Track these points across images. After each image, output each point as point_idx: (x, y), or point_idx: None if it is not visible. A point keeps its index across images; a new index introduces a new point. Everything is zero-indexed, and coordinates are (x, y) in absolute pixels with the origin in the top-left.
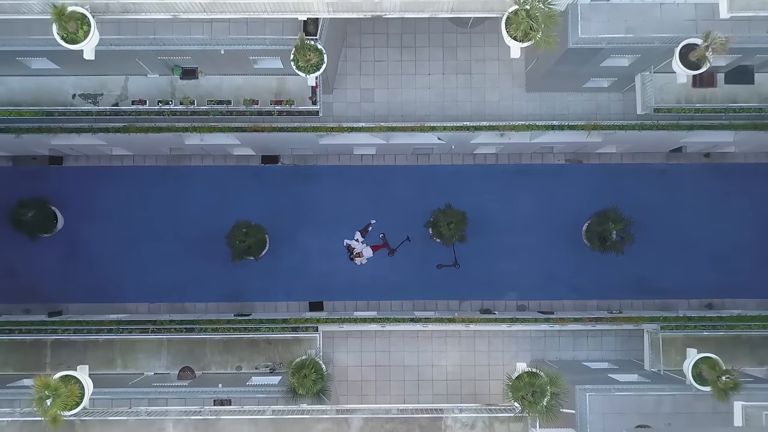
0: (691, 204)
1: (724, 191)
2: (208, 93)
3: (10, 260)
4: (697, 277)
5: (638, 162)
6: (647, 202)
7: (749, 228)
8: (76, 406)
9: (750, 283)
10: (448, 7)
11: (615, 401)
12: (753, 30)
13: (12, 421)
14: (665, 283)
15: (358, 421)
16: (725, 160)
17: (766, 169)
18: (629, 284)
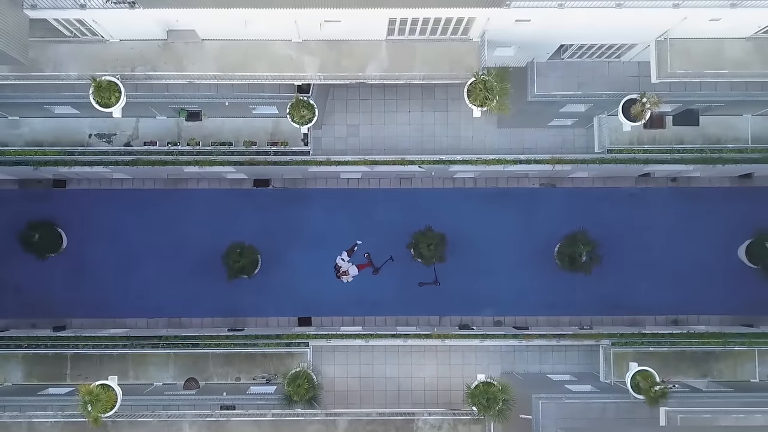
0: (659, 225)
1: (690, 213)
2: (211, 133)
3: (19, 278)
4: (663, 295)
5: (609, 186)
6: (617, 223)
7: (713, 248)
8: (111, 409)
9: (713, 300)
10: (419, 76)
11: (566, 408)
12: (689, 87)
13: (55, 422)
14: (633, 301)
15: (343, 422)
16: (691, 185)
17: (728, 193)
18: (599, 302)
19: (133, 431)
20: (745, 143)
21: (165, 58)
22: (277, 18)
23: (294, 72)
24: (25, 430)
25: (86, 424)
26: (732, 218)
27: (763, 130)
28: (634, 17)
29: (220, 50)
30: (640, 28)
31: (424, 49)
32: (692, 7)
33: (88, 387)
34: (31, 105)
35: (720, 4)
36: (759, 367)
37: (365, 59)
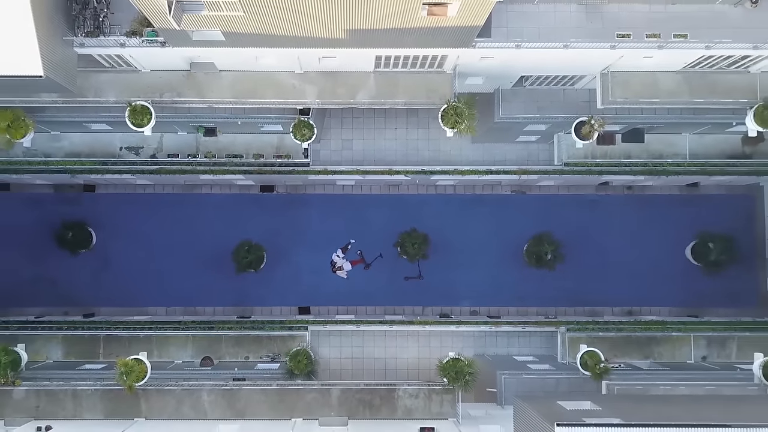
0: (616, 228)
1: (643, 218)
2: (225, 147)
3: (54, 271)
4: (620, 289)
5: (572, 193)
6: (579, 226)
7: (663, 248)
8: (142, 379)
9: (663, 293)
10: (401, 102)
11: (525, 383)
12: (632, 111)
13: (94, 390)
14: (593, 294)
15: (336, 391)
16: (644, 192)
17: (677, 199)
18: (562, 295)
19: (160, 398)
20: (684, 158)
21: (188, 85)
22: (283, 54)
23: (296, 98)
24: (70, 397)
25: (121, 391)
26: (680, 222)
27: (699, 146)
28: (579, 55)
29: (235, 79)
30: (586, 64)
31: (406, 79)
32: (627, 48)
33: (125, 360)
34: (73, 123)
35: (649, 46)
36: (694, 350)
37: (356, 88)
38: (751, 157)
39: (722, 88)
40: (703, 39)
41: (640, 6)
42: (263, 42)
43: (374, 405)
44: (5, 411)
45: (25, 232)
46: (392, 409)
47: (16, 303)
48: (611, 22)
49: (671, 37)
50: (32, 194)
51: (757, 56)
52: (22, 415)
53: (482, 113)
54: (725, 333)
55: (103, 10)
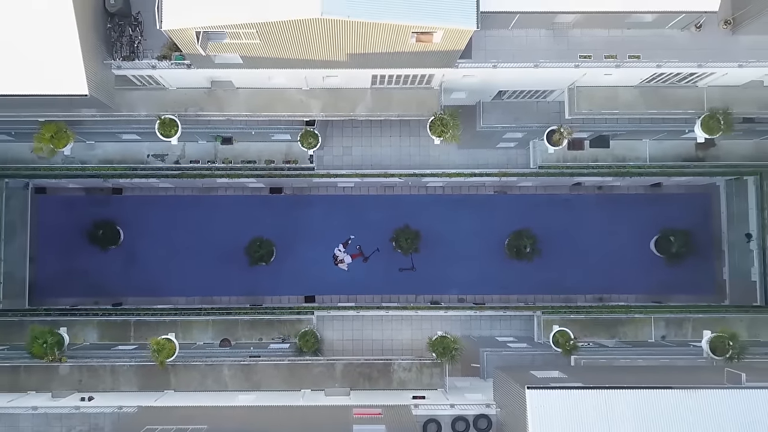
0: (588, 224)
1: (612, 214)
2: (239, 154)
3: (86, 265)
4: (591, 279)
5: (548, 193)
6: (555, 222)
7: (630, 241)
8: (171, 356)
9: (630, 282)
10: (395, 114)
11: (504, 358)
12: (597, 121)
13: (130, 366)
14: (567, 283)
15: (340, 365)
16: (613, 192)
17: (642, 198)
18: (540, 284)
19: (187, 372)
20: (645, 161)
21: (209, 101)
22: (292, 74)
23: (303, 111)
24: (109, 372)
25: (153, 367)
26: (645, 218)
27: (657, 151)
28: (548, 73)
29: (250, 95)
30: (555, 80)
31: (398, 94)
32: (588, 67)
33: (157, 339)
34: (107, 133)
35: (607, 65)
36: (655, 330)
37: (355, 102)
38: (704, 160)
39: (674, 101)
40: (654, 59)
41: (599, 31)
42: (275, 64)
43: (373, 377)
44: (52, 384)
45: (60, 231)
46: (388, 381)
47: (52, 293)
48: (575, 44)
49: (626, 58)
50: (66, 197)
51: (702, 73)
52: (67, 388)
53: (466, 123)
54: (682, 315)
55: (137, 38)
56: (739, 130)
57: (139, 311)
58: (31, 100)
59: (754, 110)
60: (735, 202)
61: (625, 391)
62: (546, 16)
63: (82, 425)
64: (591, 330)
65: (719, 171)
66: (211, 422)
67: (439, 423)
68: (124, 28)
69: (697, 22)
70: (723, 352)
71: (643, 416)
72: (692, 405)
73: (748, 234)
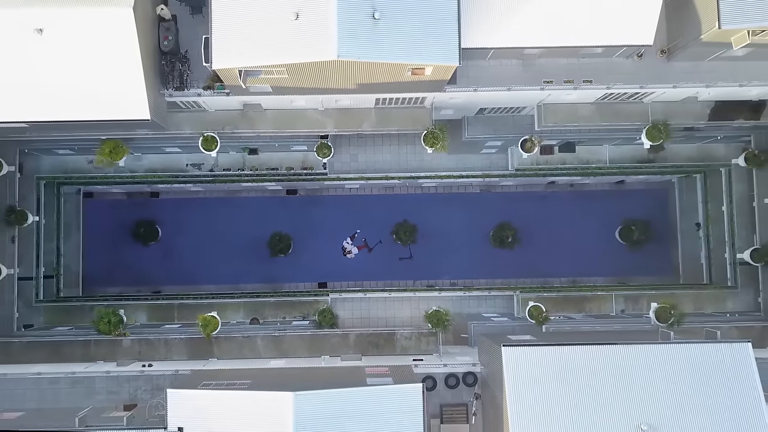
0: (561, 217)
1: (583, 208)
2: (264, 162)
3: (129, 259)
4: (565, 264)
5: (527, 190)
6: (533, 216)
7: (598, 231)
8: (215, 330)
9: (599, 266)
10: (394, 129)
11: (488, 329)
12: (562, 132)
13: (180, 339)
14: (544, 268)
15: (353, 335)
16: (583, 189)
17: (608, 193)
18: (521, 269)
19: (227, 343)
20: (605, 163)
21: (242, 120)
22: (310, 98)
23: (319, 128)
24: (163, 344)
25: (199, 339)
26: (610, 211)
27: (616, 154)
28: (519, 95)
29: (275, 115)
30: (525, 99)
31: (397, 113)
32: (550, 89)
33: (204, 315)
34: (153, 147)
35: (566, 88)
36: (615, 305)
37: (361, 120)
38: (655, 161)
39: (624, 114)
40: (604, 83)
41: (559, 60)
42: (298, 92)
43: (380, 345)
44: (117, 355)
45: (106, 230)
46: (393, 348)
47: (100, 283)
48: (540, 71)
49: (581, 82)
50: (111, 200)
51: (644, 92)
52: (130, 358)
53: (454, 134)
54: (638, 292)
55: (186, 71)
56: (682, 137)
57: (182, 296)
58: (100, 123)
59: (690, 121)
60: (686, 196)
61: (577, 347)
62: (516, 50)
63: (146, 385)
64: (562, 306)
65: (668, 170)
66: (252, 379)
67: (434, 379)
68: (174, 63)
69: (638, 52)
70: (666, 319)
71: (592, 366)
72: (630, 357)
73: (697, 223)
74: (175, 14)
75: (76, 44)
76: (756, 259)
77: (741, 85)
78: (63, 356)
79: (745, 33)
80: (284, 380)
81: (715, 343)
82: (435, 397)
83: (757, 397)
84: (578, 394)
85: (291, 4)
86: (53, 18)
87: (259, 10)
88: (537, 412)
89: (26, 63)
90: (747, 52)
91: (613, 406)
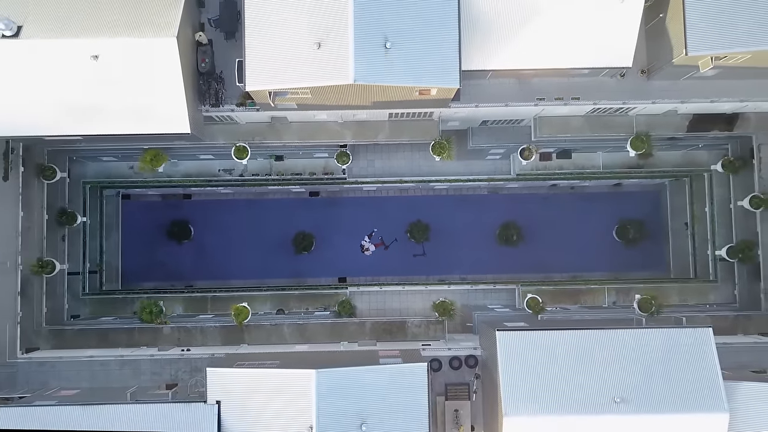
0: (563, 217)
1: (583, 209)
2: (289, 168)
3: (164, 256)
4: (566, 260)
5: (531, 192)
6: (536, 216)
7: (597, 230)
8: (246, 318)
9: (597, 263)
10: (406, 139)
11: (490, 318)
12: (557, 142)
13: (215, 327)
14: (546, 264)
15: (369, 323)
16: (584, 191)
17: (606, 195)
18: (524, 265)
19: (257, 331)
20: (599, 169)
21: (270, 132)
22: (331, 113)
23: (339, 138)
24: (199, 332)
25: (232, 327)
26: (608, 211)
27: (608, 160)
28: (516, 109)
29: (299, 127)
30: (522, 113)
31: (408, 125)
32: (543, 105)
33: (237, 306)
34: (189, 155)
35: (556, 104)
36: (607, 297)
37: (377, 131)
38: (643, 167)
39: (611, 126)
40: (591, 99)
41: (551, 79)
42: (320, 108)
43: (393, 332)
44: (158, 341)
45: (143, 229)
46: (404, 335)
47: (138, 278)
48: (534, 89)
49: (570, 99)
50: (146, 202)
51: (627, 107)
52: (170, 344)
53: (461, 142)
54: (628, 286)
55: (221, 90)
56: (666, 145)
57: (213, 289)
58: (146, 135)
59: (671, 132)
60: (676, 198)
61: (562, 332)
62: (512, 72)
63: (185, 367)
64: (559, 298)
65: (656, 175)
66: (280, 360)
67: (440, 361)
68: (211, 83)
69: (621, 72)
70: (647, 309)
71: (574, 348)
72: (606, 341)
73: (686, 223)
74: (211, 39)
75: (127, 68)
76: (731, 256)
77: (712, 101)
78: (110, 342)
79: (709, 58)
80: (308, 361)
81: (680, 329)
82: (441, 377)
83: (716, 375)
84: (562, 373)
85: (314, 35)
86: (107, 46)
87: (286, 40)
88: (526, 388)
89: (83, 84)
90: (716, 72)
91: (592, 383)
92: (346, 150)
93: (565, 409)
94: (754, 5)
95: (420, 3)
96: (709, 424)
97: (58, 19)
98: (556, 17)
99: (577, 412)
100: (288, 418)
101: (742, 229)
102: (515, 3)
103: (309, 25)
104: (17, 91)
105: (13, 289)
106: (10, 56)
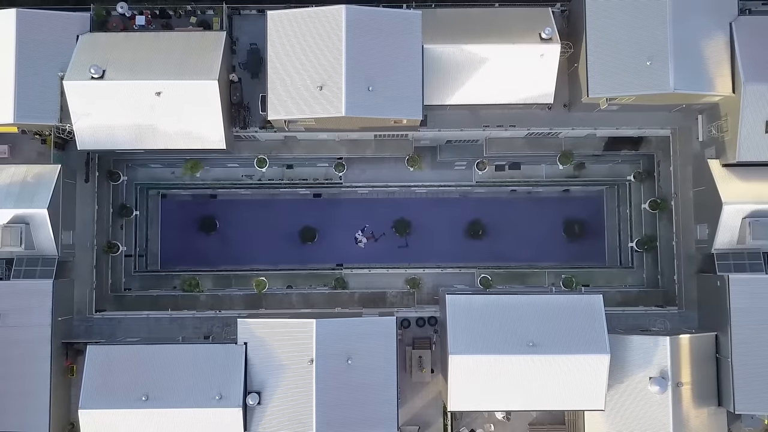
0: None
1: (537, 210)
2: (298, 174)
3: (195, 244)
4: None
5: (495, 197)
6: (498, 215)
7: (550, 228)
8: (265, 288)
9: (548, 254)
10: (388, 153)
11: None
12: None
13: (240, 295)
14: (507, 255)
15: (356, 295)
16: (538, 196)
17: (556, 199)
18: (488, 255)
19: (272, 298)
20: (542, 178)
21: (283, 147)
22: (330, 133)
23: (337, 152)
24: (228, 299)
25: (252, 296)
26: (559, 212)
27: (551, 171)
28: (470, 132)
29: (306, 143)
30: (475, 135)
31: (390, 142)
32: (489, 130)
33: (258, 279)
34: (219, 164)
35: (498, 130)
36: (548, 280)
37: (365, 147)
38: (578, 176)
39: (545, 145)
40: (525, 126)
41: (494, 111)
42: (321, 130)
43: (375, 300)
44: (197, 306)
45: (177, 222)
46: (384, 304)
47: (174, 262)
48: (482, 118)
49: (509, 126)
50: (180, 200)
51: (554, 132)
52: (205, 309)
53: (432, 156)
54: (566, 271)
55: (247, 116)
56: (592, 161)
57: (237, 270)
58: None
59: (591, 150)
60: (610, 201)
61: (494, 296)
62: (464, 105)
63: (218, 324)
64: (510, 280)
65: (590, 183)
66: (289, 317)
67: (409, 321)
68: (240, 111)
69: (548, 105)
70: (569, 285)
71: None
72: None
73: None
74: (240, 77)
75: (181, 101)
76: (639, 247)
77: (617, 128)
78: (160, 306)
79: (604, 99)
80: (310, 316)
81: (578, 295)
82: (409, 333)
83: (602, 329)
84: (492, 325)
85: (318, 81)
86: (167, 86)
87: (297, 83)
88: (466, 335)
89: (149, 113)
90: (617, 107)
91: (513, 332)
92: (342, 161)
93: (493, 350)
94: (635, 62)
95: (393, 58)
96: (595, 362)
97: (131, 65)
98: (496, 66)
99: (502, 353)
100: (295, 354)
101: (649, 226)
102: (465, 56)
103: (314, 74)
104: (101, 117)
105: (90, 263)
106: (96, 92)
